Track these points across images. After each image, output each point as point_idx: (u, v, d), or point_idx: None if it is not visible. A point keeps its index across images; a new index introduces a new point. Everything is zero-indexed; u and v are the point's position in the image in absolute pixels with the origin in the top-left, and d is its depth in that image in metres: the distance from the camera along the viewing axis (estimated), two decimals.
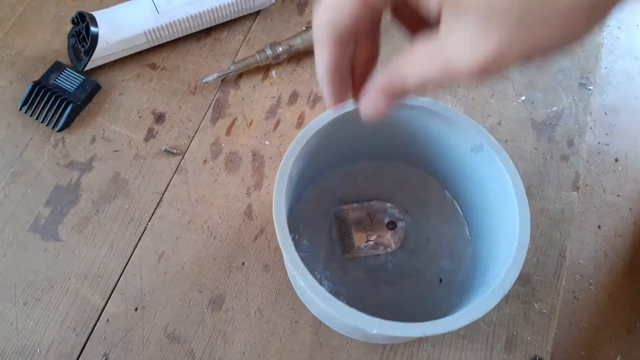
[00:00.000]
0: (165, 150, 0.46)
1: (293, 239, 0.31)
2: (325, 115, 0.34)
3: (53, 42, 0.51)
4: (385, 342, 0.38)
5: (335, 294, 0.30)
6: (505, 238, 0.33)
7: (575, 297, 1.10)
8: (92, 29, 0.45)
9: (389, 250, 0.41)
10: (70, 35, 0.48)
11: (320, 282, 0.29)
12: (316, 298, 0.29)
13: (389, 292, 0.40)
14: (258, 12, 0.53)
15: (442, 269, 0.41)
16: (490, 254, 0.36)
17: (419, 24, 0.25)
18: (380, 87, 0.24)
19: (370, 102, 0.24)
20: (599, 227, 1.17)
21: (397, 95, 0.23)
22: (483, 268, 0.37)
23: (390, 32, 0.51)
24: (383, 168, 0.44)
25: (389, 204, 0.42)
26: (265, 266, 0.41)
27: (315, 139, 0.34)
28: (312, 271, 0.30)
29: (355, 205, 0.42)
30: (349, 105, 0.34)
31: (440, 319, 0.29)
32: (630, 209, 1.20)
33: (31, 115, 0.46)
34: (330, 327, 0.39)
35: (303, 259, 0.30)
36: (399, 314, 0.39)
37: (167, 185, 0.44)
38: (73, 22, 0.46)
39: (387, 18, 0.25)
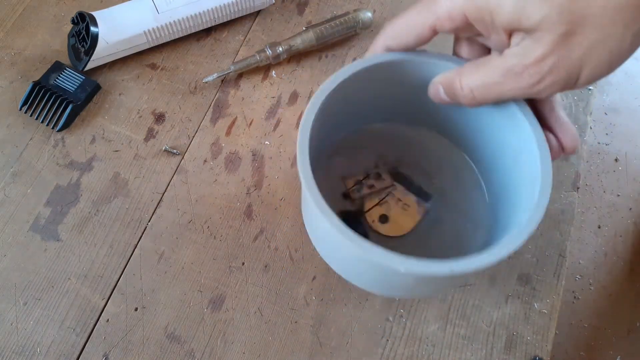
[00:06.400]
0: (165, 150, 0.46)
1: None
2: (335, 76, 0.32)
3: (53, 42, 0.51)
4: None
5: None
6: (528, 178, 0.31)
7: (575, 297, 1.10)
8: (92, 29, 0.45)
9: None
10: (70, 35, 0.48)
11: None
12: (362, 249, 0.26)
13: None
14: (258, 12, 0.53)
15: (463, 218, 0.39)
16: (511, 197, 0.34)
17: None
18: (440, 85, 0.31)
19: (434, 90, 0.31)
20: (599, 227, 1.18)
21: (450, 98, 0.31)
22: (504, 215, 0.35)
23: None
24: (397, 132, 0.41)
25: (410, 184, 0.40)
26: (265, 266, 0.41)
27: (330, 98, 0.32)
28: None
29: (378, 200, 0.40)
30: (359, 64, 0.32)
31: (470, 256, 0.26)
32: (630, 209, 1.20)
33: (31, 115, 0.46)
34: (353, 282, 0.36)
35: None
36: None
37: (167, 185, 0.44)
38: (73, 22, 0.46)
39: None
